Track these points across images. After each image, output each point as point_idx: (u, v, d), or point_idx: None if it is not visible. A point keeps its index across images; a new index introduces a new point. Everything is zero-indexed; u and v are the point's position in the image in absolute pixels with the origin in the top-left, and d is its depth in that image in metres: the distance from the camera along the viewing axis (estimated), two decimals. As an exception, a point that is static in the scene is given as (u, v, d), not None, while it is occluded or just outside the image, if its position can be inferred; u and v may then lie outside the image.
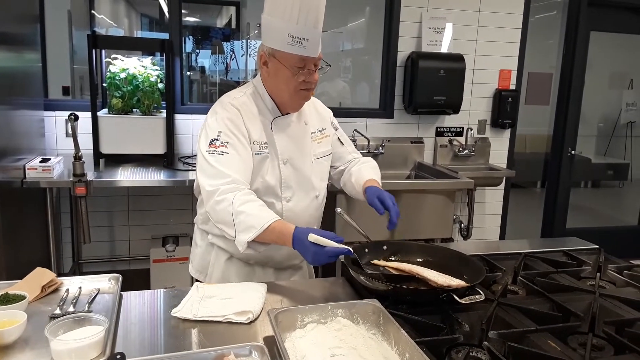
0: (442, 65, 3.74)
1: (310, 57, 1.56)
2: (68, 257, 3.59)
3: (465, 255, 1.62)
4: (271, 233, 1.47)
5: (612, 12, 4.47)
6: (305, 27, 1.51)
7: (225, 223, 1.53)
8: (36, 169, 2.74)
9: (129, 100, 3.20)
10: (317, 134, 1.83)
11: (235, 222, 1.49)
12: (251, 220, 1.48)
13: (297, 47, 1.53)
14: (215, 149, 1.58)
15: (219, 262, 1.79)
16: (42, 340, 1.12)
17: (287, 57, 1.56)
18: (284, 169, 1.69)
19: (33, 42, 3.11)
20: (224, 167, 1.56)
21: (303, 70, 1.57)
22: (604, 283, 1.63)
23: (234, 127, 1.61)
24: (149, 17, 6.31)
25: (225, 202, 1.51)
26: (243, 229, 1.48)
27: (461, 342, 1.18)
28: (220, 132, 1.60)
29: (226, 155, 1.57)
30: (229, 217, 1.50)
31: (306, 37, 1.52)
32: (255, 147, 1.64)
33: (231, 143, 1.59)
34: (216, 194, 1.53)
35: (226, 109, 1.65)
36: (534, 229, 4.87)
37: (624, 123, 5.19)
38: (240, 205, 1.50)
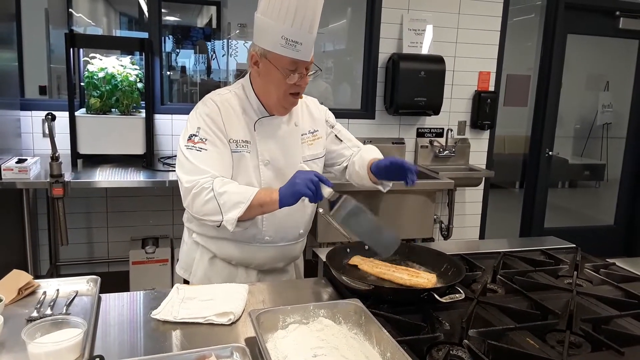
0: (422, 66, 3.77)
1: (302, 61, 1.55)
2: (45, 259, 3.53)
3: (445, 254, 1.64)
4: (258, 200, 1.50)
5: (588, 16, 4.56)
6: (300, 31, 1.50)
7: (208, 211, 1.53)
8: (12, 170, 2.69)
9: (108, 100, 3.16)
10: (309, 136, 1.80)
11: (220, 203, 1.51)
12: (235, 197, 1.50)
13: (290, 49, 1.52)
14: (194, 145, 1.58)
15: (203, 261, 1.78)
16: (19, 344, 1.10)
17: (279, 59, 1.54)
18: (264, 170, 1.67)
19: (9, 40, 3.05)
20: (202, 163, 1.56)
21: (294, 73, 1.56)
22: (581, 281, 1.66)
23: (212, 123, 1.61)
24: (128, 16, 6.24)
25: (204, 190, 1.52)
26: (229, 207, 1.50)
27: (442, 340, 1.19)
28: (199, 128, 1.60)
29: (204, 151, 1.57)
30: (211, 202, 1.51)
31: (300, 41, 1.51)
32: (232, 145, 1.63)
33: (210, 140, 1.59)
34: (195, 187, 1.54)
35: (206, 105, 1.64)
36: (513, 228, 4.94)
37: (600, 124, 5.29)
38: (220, 187, 1.52)
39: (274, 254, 1.76)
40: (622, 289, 1.56)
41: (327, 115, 1.91)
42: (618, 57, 5.01)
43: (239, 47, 5.24)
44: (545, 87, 4.54)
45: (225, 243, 1.72)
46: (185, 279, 1.86)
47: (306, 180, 1.46)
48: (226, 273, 1.77)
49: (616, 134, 5.21)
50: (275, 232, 1.71)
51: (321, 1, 1.54)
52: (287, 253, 1.80)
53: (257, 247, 1.72)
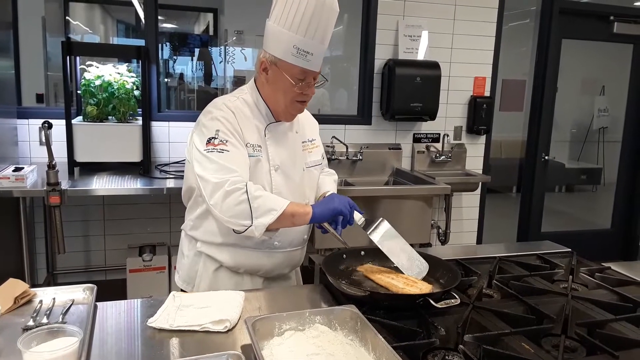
0: (418, 72, 3.78)
1: (311, 71, 1.58)
2: (42, 267, 3.52)
3: (441, 259, 1.65)
4: (290, 212, 1.53)
5: (582, 20, 4.59)
6: (312, 42, 1.53)
7: (238, 213, 1.51)
8: (9, 178, 2.69)
9: (104, 108, 3.16)
10: (308, 144, 1.85)
11: (253, 207, 1.50)
12: (270, 204, 1.52)
13: (301, 59, 1.55)
14: (215, 147, 1.57)
15: (207, 272, 1.76)
16: (15, 353, 1.10)
17: (289, 68, 1.57)
18: (274, 176, 1.69)
19: (5, 49, 3.06)
20: (227, 162, 1.55)
21: (303, 82, 1.60)
22: (577, 285, 1.66)
23: (230, 125, 1.61)
24: (125, 24, 6.27)
25: (238, 190, 1.51)
26: (262, 212, 1.51)
27: (437, 346, 1.20)
28: (218, 131, 1.59)
29: (226, 152, 1.57)
30: (244, 204, 1.50)
31: (311, 51, 1.54)
32: (249, 150, 1.64)
33: (230, 141, 1.58)
34: (226, 184, 1.51)
35: (221, 109, 1.64)
36: (510, 233, 4.95)
37: (597, 128, 5.32)
38: (256, 190, 1.52)
39: (282, 259, 1.78)
40: (618, 293, 1.57)
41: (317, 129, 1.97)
42: (613, 61, 5.04)
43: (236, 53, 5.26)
44: (540, 91, 4.57)
45: (233, 250, 1.71)
46: (188, 292, 1.81)
47: (344, 201, 1.59)
48: (232, 283, 1.74)
49: (612, 138, 5.24)
50: (285, 235, 1.72)
51: (335, 13, 1.57)
52: (293, 258, 1.83)
53: (266, 253, 1.73)
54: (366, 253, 1.73)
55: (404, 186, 3.65)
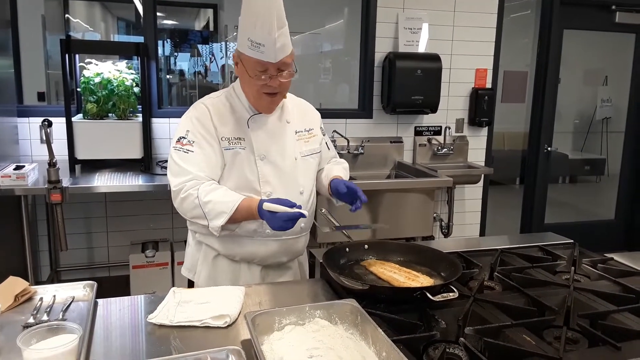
0: (419, 65, 3.76)
1: (269, 62, 1.60)
2: (45, 265, 3.54)
3: (442, 252, 1.64)
4: (240, 212, 1.60)
5: (584, 10, 4.55)
6: (261, 33, 1.56)
7: (195, 216, 1.65)
8: (10, 177, 2.69)
9: (104, 105, 3.16)
10: (304, 133, 1.87)
11: (205, 212, 1.62)
12: (220, 207, 1.60)
13: (255, 51, 1.59)
14: (182, 147, 1.68)
15: (207, 260, 1.83)
16: (14, 350, 1.10)
17: (248, 60, 1.63)
18: (261, 165, 1.73)
19: (5, 47, 3.06)
20: (186, 164, 1.66)
21: (264, 74, 1.62)
22: (579, 277, 1.65)
23: (200, 125, 1.69)
24: (125, 21, 6.25)
25: (191, 196, 1.63)
26: (214, 216, 1.61)
27: (438, 339, 1.19)
28: (188, 131, 1.70)
29: (190, 153, 1.67)
30: (197, 209, 1.62)
31: (263, 43, 1.57)
32: (225, 143, 1.70)
33: (197, 142, 1.68)
34: (181, 192, 1.65)
35: (196, 108, 1.74)
36: (514, 225, 4.94)
37: (600, 119, 5.28)
38: (205, 195, 1.61)
39: (277, 248, 1.80)
40: (620, 284, 1.56)
41: (321, 122, 1.99)
42: (615, 51, 5.00)
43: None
44: (542, 83, 4.54)
45: (227, 239, 1.76)
46: (190, 279, 1.92)
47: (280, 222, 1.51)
48: (230, 270, 1.82)
49: (616, 128, 5.20)
50: None
51: (279, 4, 1.58)
52: (290, 247, 1.83)
53: (260, 242, 1.76)
54: (369, 247, 1.72)
55: (406, 179, 3.64)
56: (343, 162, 2.03)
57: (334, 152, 2.07)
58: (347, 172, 1.98)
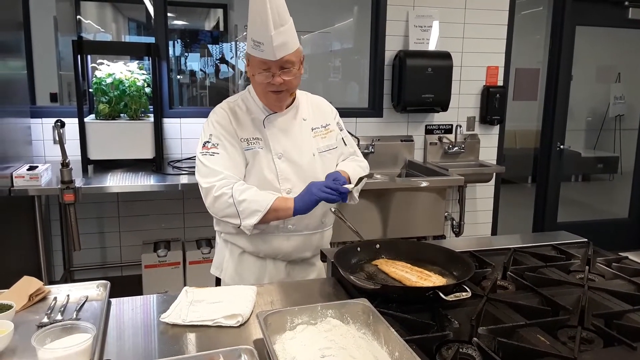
0: (429, 63, 3.75)
1: (270, 60, 1.65)
2: (59, 265, 3.57)
3: (454, 252, 1.62)
4: (273, 210, 1.67)
5: (596, 7, 4.50)
6: (259, 31, 1.60)
7: (228, 215, 1.70)
8: (24, 177, 2.72)
9: (116, 106, 3.18)
10: (321, 130, 1.91)
11: (239, 210, 1.67)
12: (254, 205, 1.67)
13: (257, 50, 1.65)
14: (207, 151, 1.74)
15: (233, 257, 1.90)
16: (29, 350, 1.11)
17: (253, 60, 1.70)
18: (279, 163, 1.79)
19: (17, 49, 3.08)
20: (215, 165, 1.71)
21: (267, 72, 1.68)
22: (593, 276, 1.63)
23: (222, 128, 1.77)
24: (136, 22, 6.29)
25: (225, 195, 1.68)
26: (248, 214, 1.67)
27: (451, 339, 1.18)
28: (211, 135, 1.76)
29: (216, 155, 1.73)
30: (231, 208, 1.68)
31: (262, 41, 1.62)
32: (244, 144, 1.77)
33: (221, 144, 1.74)
34: (213, 190, 1.69)
35: (216, 113, 1.81)
36: (526, 224, 4.90)
37: (613, 116, 5.23)
38: (240, 194, 1.67)
39: (300, 242, 1.86)
40: (635, 283, 1.54)
41: (337, 117, 2.02)
42: (628, 47, 4.94)
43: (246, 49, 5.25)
44: (554, 80, 4.50)
45: (251, 236, 1.80)
46: (218, 276, 1.99)
47: (320, 186, 1.67)
48: (256, 267, 1.88)
49: (629, 125, 5.15)
50: (298, 219, 1.79)
51: (277, 2, 1.60)
52: (313, 242, 1.90)
53: (282, 237, 1.83)
54: (381, 246, 1.71)
55: (416, 178, 3.63)
56: (361, 160, 2.03)
57: (354, 149, 2.06)
58: (364, 169, 1.97)
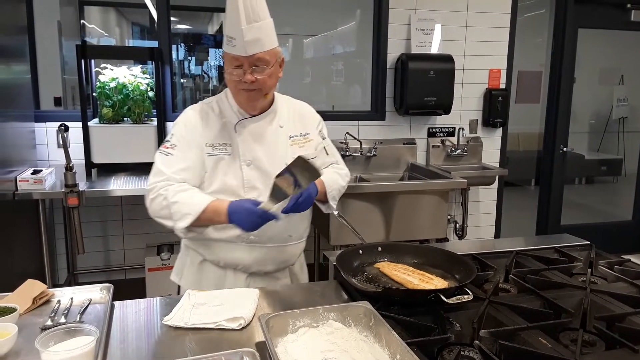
0: (432, 66, 3.75)
1: (241, 56, 1.59)
2: (63, 268, 3.58)
3: (456, 255, 1.63)
4: (207, 214, 1.58)
5: (598, 9, 4.49)
6: (232, 26, 1.57)
7: (162, 216, 1.63)
8: (28, 181, 2.74)
9: (120, 110, 3.19)
10: (300, 138, 1.82)
11: (172, 212, 1.60)
12: (185, 209, 1.59)
13: (229, 46, 1.60)
14: (164, 149, 1.70)
15: (193, 265, 1.84)
16: (33, 352, 1.12)
17: (226, 56, 1.64)
18: (246, 170, 1.71)
19: (21, 53, 3.11)
20: (164, 166, 1.66)
21: (238, 69, 1.62)
22: (595, 279, 1.63)
23: (185, 130, 1.70)
24: (140, 26, 6.31)
25: (160, 196, 1.62)
26: (179, 217, 1.59)
27: (452, 341, 1.19)
28: (173, 135, 1.71)
29: (170, 156, 1.67)
30: (165, 210, 1.61)
31: (233, 36, 1.57)
32: (208, 149, 1.70)
33: (179, 146, 1.68)
34: (152, 192, 1.64)
35: (185, 113, 1.76)
36: (529, 226, 4.89)
37: (616, 118, 5.22)
38: (174, 195, 1.60)
39: (262, 255, 1.77)
40: (637, 286, 1.54)
41: (321, 126, 1.93)
42: (631, 50, 4.93)
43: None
44: (557, 82, 4.49)
45: (211, 244, 1.76)
46: (177, 283, 1.91)
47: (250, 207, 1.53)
48: (216, 276, 1.80)
49: (633, 128, 5.14)
50: (261, 231, 1.64)
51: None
52: (277, 256, 1.79)
53: (244, 247, 1.75)
54: (383, 249, 1.72)
55: (419, 181, 3.63)
56: (341, 168, 1.95)
57: (336, 158, 1.97)
58: (343, 178, 1.90)
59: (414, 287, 1.45)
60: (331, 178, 1.83)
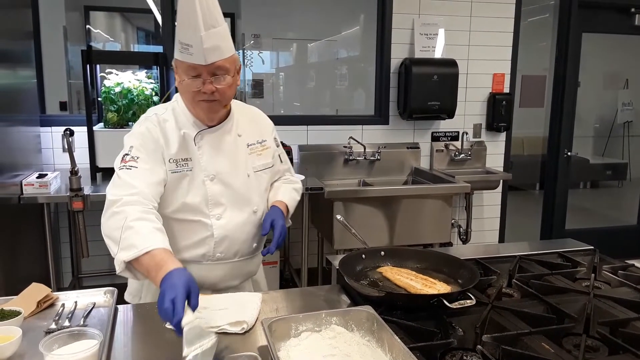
0: (435, 70, 3.76)
1: (200, 65, 1.46)
2: (68, 271, 3.60)
3: (459, 259, 1.63)
4: (150, 260, 1.30)
5: (602, 14, 4.49)
6: (188, 32, 1.43)
7: (111, 237, 1.40)
8: (33, 185, 2.75)
9: (125, 114, 3.21)
10: (257, 146, 1.72)
11: (122, 237, 1.36)
12: (135, 239, 1.34)
13: (185, 53, 1.46)
14: (125, 164, 1.51)
15: (152, 285, 1.51)
16: (37, 356, 1.13)
17: (181, 65, 1.50)
18: (210, 186, 1.59)
19: (27, 58, 3.13)
20: (130, 179, 1.47)
21: (197, 79, 1.48)
22: (599, 284, 1.63)
23: (147, 141, 1.54)
24: (145, 31, 6.35)
25: (122, 214, 1.39)
26: (125, 245, 1.35)
27: (455, 346, 1.19)
28: (132, 147, 1.53)
29: (134, 169, 1.50)
30: (118, 231, 1.37)
31: (190, 43, 1.44)
32: (172, 166, 1.56)
33: (141, 158, 1.51)
34: (117, 204, 1.42)
35: (142, 124, 1.59)
36: (534, 231, 4.88)
37: (621, 123, 5.21)
38: (132, 220, 1.37)
39: (228, 271, 1.66)
40: (641, 291, 1.53)
41: (274, 132, 1.83)
42: (636, 54, 4.93)
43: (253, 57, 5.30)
44: (561, 87, 4.49)
45: None
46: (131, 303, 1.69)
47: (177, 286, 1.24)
48: None
49: (638, 132, 5.12)
50: (228, 247, 1.63)
51: (207, 1, 1.44)
52: (242, 269, 1.71)
53: (209, 266, 1.63)
54: (386, 254, 1.72)
55: (423, 185, 3.63)
56: (295, 182, 1.88)
57: (288, 165, 1.90)
58: (298, 192, 1.85)
59: (417, 292, 1.45)
60: (291, 197, 1.78)
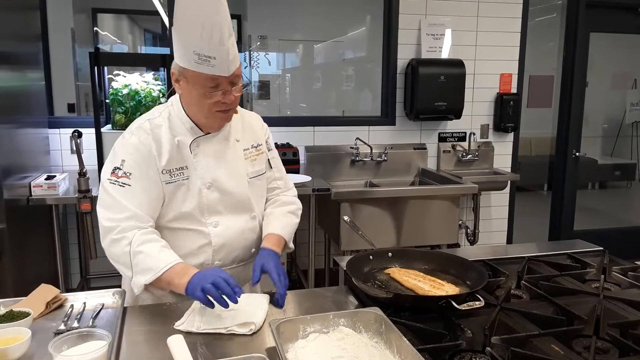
0: (442, 71, 3.75)
1: (221, 76, 1.42)
2: (76, 272, 3.61)
3: (467, 260, 1.62)
4: (166, 278, 1.40)
5: (610, 13, 4.47)
6: (210, 45, 1.37)
7: (121, 262, 1.45)
8: (42, 186, 2.77)
9: (132, 116, 3.22)
10: (252, 151, 1.67)
11: (133, 263, 1.42)
12: (149, 263, 1.41)
13: (205, 65, 1.39)
14: (117, 179, 1.47)
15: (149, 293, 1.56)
16: (46, 356, 1.13)
17: (197, 76, 1.42)
18: (207, 194, 1.56)
19: (35, 60, 3.15)
20: (123, 199, 1.45)
21: (216, 89, 1.44)
22: (609, 285, 1.62)
23: (140, 155, 1.49)
24: (152, 33, 6.38)
25: (124, 240, 1.43)
26: (140, 270, 1.41)
27: (464, 348, 1.18)
28: (124, 161, 1.48)
29: (127, 187, 1.46)
30: (126, 257, 1.42)
31: (213, 55, 1.38)
32: (166, 177, 1.51)
33: (134, 174, 1.47)
34: (115, 231, 1.43)
35: (134, 134, 1.52)
36: (542, 232, 4.85)
37: (630, 123, 5.18)
38: (139, 245, 1.42)
39: None
40: (652, 292, 1.52)
41: (267, 135, 1.77)
42: (644, 54, 4.90)
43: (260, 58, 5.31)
44: (569, 87, 4.46)
45: None
46: None
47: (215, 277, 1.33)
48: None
49: (646, 132, 5.10)
50: (227, 254, 1.61)
51: (225, 10, 1.39)
52: (240, 275, 1.66)
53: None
54: (393, 255, 1.71)
55: (430, 186, 3.62)
56: (290, 202, 1.77)
57: (281, 175, 1.79)
58: (296, 214, 1.76)
59: (425, 293, 1.44)
60: (286, 224, 1.69)
